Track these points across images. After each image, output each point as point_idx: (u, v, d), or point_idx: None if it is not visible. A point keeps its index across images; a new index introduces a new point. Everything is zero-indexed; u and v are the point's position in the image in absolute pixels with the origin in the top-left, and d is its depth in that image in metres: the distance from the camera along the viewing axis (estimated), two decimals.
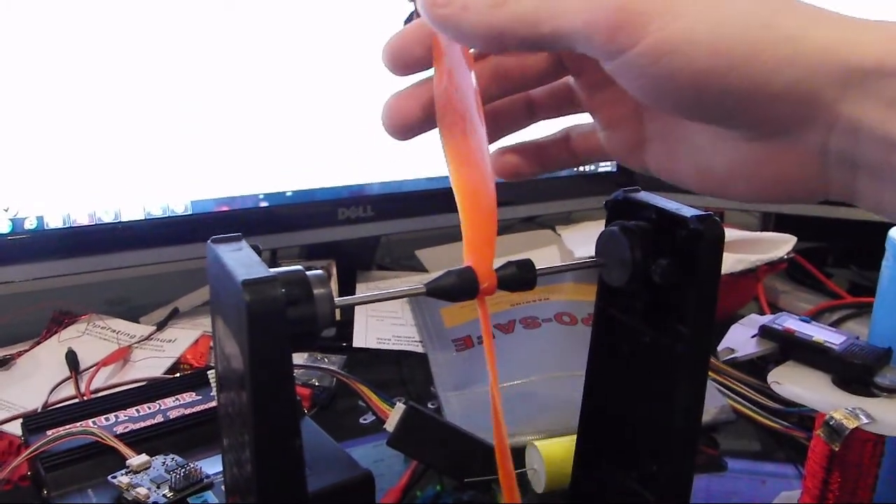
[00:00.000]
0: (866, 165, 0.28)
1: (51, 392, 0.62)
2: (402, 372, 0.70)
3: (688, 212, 0.35)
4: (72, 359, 0.66)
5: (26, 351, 0.69)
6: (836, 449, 0.44)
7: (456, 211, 0.32)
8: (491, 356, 0.33)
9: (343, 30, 0.73)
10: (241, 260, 0.28)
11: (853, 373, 0.48)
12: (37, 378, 0.65)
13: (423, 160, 0.81)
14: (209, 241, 0.30)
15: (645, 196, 0.37)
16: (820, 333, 0.51)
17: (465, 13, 0.29)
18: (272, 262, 0.83)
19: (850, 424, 0.43)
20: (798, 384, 0.49)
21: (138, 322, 0.75)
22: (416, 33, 0.33)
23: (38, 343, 0.70)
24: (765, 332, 0.52)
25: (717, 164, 0.32)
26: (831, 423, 0.44)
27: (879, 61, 0.26)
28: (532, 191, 0.88)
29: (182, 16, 0.67)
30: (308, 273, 0.29)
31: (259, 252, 0.29)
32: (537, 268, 0.33)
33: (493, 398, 0.33)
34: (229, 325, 0.28)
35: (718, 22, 0.26)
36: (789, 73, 0.26)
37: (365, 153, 0.78)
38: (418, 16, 0.31)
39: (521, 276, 0.32)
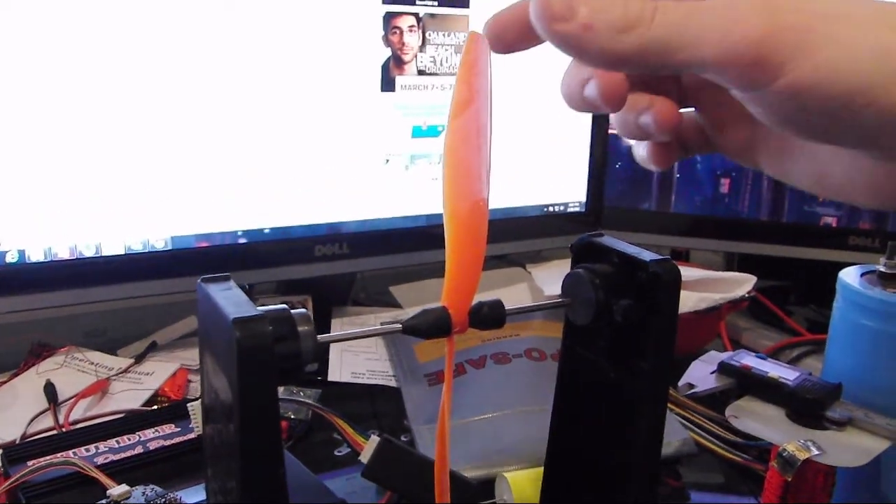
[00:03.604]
0: None
1: (29, 423, 0.63)
2: (375, 405, 0.72)
3: (647, 255, 0.38)
4: (50, 391, 0.67)
5: (4, 382, 0.70)
6: (790, 479, 0.46)
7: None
8: (447, 394, 0.34)
9: (321, 69, 0.75)
10: (230, 299, 0.30)
11: (806, 407, 0.51)
12: (15, 409, 0.65)
13: (398, 199, 0.83)
14: (199, 281, 0.32)
15: (608, 241, 0.40)
16: (775, 370, 0.53)
17: (590, 34, 0.26)
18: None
19: (802, 456, 0.46)
20: (754, 418, 0.51)
21: (116, 354, 0.76)
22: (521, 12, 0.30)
23: (17, 375, 0.71)
24: (723, 369, 0.55)
25: (837, 174, 0.31)
26: (784, 454, 0.47)
27: None
28: (503, 229, 0.90)
29: (163, 52, 0.69)
30: (293, 312, 0.31)
31: (247, 292, 0.31)
32: (507, 307, 0.35)
33: (440, 433, 0.34)
34: (219, 360, 0.30)
35: (855, 58, 0.26)
36: None
37: (341, 191, 0.80)
38: None
39: (491, 316, 0.34)
